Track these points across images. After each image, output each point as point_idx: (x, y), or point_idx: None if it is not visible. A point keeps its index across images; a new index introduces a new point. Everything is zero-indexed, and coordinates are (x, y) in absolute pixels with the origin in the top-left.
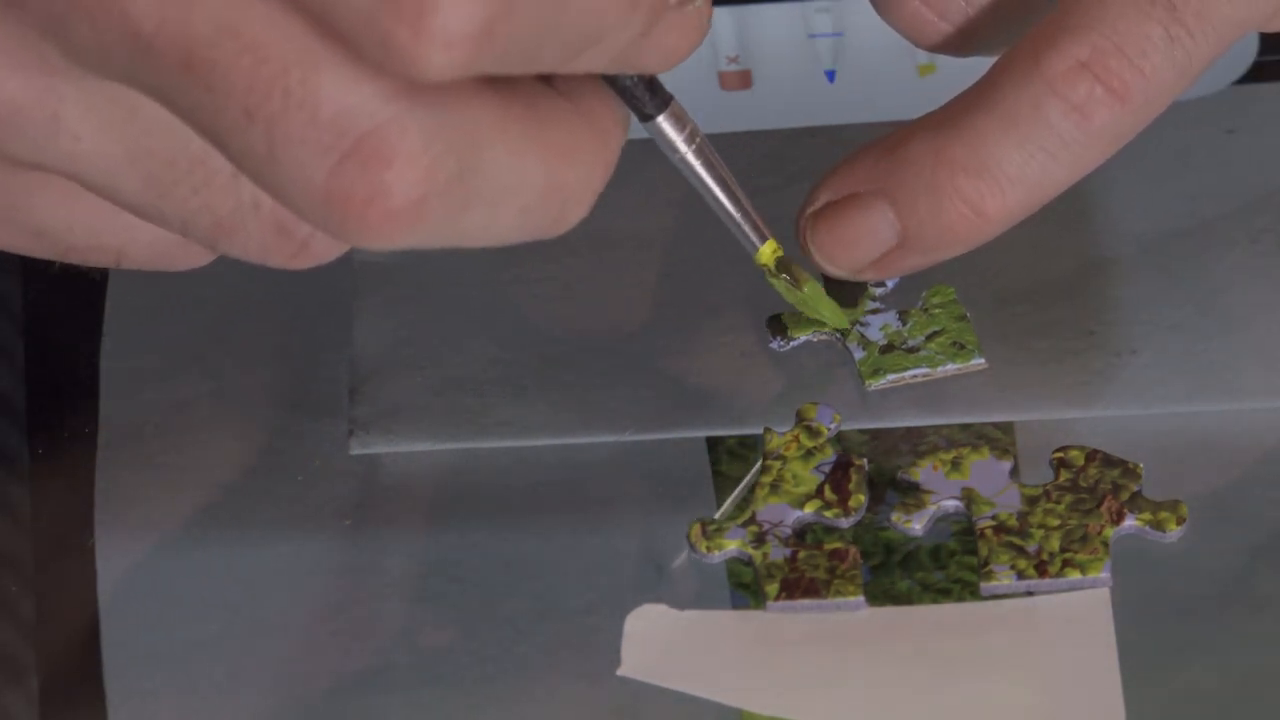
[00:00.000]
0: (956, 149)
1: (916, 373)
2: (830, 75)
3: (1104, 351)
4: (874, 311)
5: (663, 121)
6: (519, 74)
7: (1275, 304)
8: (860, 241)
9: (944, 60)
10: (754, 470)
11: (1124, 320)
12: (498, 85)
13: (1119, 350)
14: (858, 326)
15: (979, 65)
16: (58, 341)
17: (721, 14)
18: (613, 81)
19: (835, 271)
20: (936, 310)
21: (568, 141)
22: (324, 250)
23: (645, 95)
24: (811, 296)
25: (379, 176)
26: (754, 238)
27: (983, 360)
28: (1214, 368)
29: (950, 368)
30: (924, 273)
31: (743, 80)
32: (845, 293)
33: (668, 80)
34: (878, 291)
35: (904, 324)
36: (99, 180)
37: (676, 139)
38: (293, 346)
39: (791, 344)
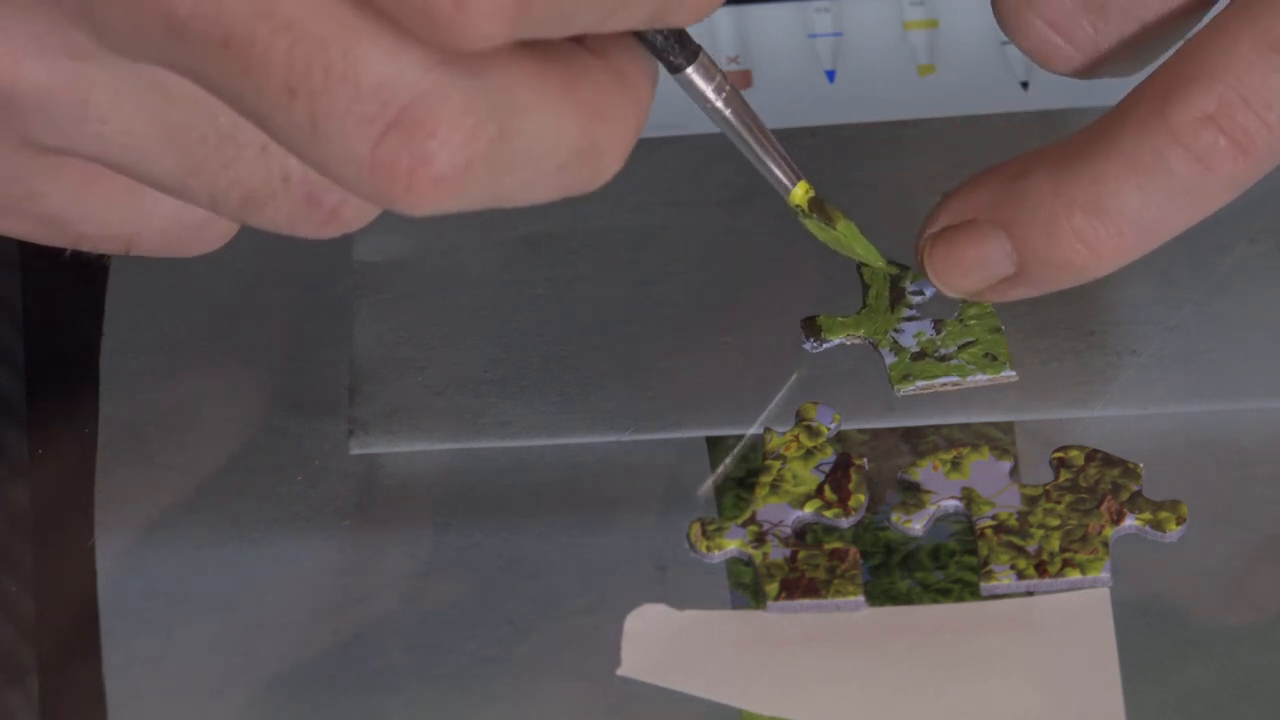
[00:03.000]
0: (1076, 189)
1: (946, 381)
2: (830, 75)
3: (1104, 351)
4: (910, 319)
5: (692, 73)
6: (556, 36)
7: (1274, 304)
8: (976, 268)
9: (944, 61)
10: (738, 448)
11: (1124, 320)
12: (533, 48)
13: (1119, 350)
14: (892, 332)
15: (980, 69)
16: (58, 341)
17: (721, 14)
18: (641, 36)
19: (949, 293)
20: (972, 321)
21: (601, 99)
22: (354, 217)
23: (674, 48)
24: (845, 235)
25: (423, 145)
26: (785, 180)
27: (1013, 373)
28: (1214, 368)
29: (980, 378)
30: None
31: (743, 80)
32: (888, 298)
33: (667, 76)
34: (915, 300)
35: (938, 333)
36: (128, 161)
37: (706, 89)
38: (293, 346)
39: (825, 345)
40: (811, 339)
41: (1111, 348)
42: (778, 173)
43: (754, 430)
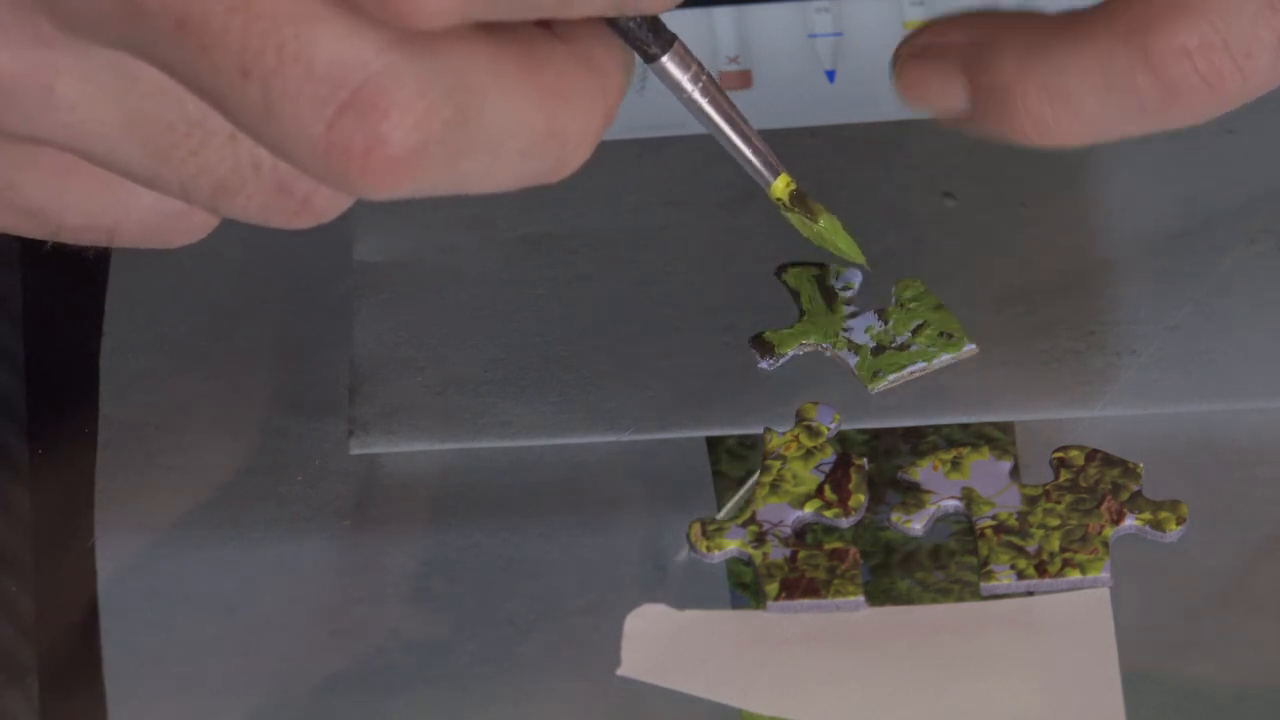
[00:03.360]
0: (1040, 67)
1: (914, 369)
2: (830, 75)
3: (1104, 351)
4: (853, 315)
5: (667, 62)
6: (514, 19)
7: (1274, 304)
8: (936, 99)
9: None
10: (754, 478)
11: (1124, 320)
12: (492, 30)
13: (1119, 350)
14: (843, 333)
15: None
16: (58, 341)
17: (721, 14)
18: (614, 24)
19: (913, 106)
20: (913, 304)
21: (565, 85)
22: (326, 207)
23: (648, 36)
24: (828, 230)
25: (376, 126)
26: (766, 173)
27: (973, 346)
28: (1214, 368)
29: (945, 359)
30: (892, 267)
31: (743, 80)
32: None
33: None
34: (846, 294)
35: (886, 323)
36: (97, 149)
37: (682, 79)
38: (293, 346)
39: (780, 360)
40: (766, 358)
41: (1111, 348)
42: (759, 165)
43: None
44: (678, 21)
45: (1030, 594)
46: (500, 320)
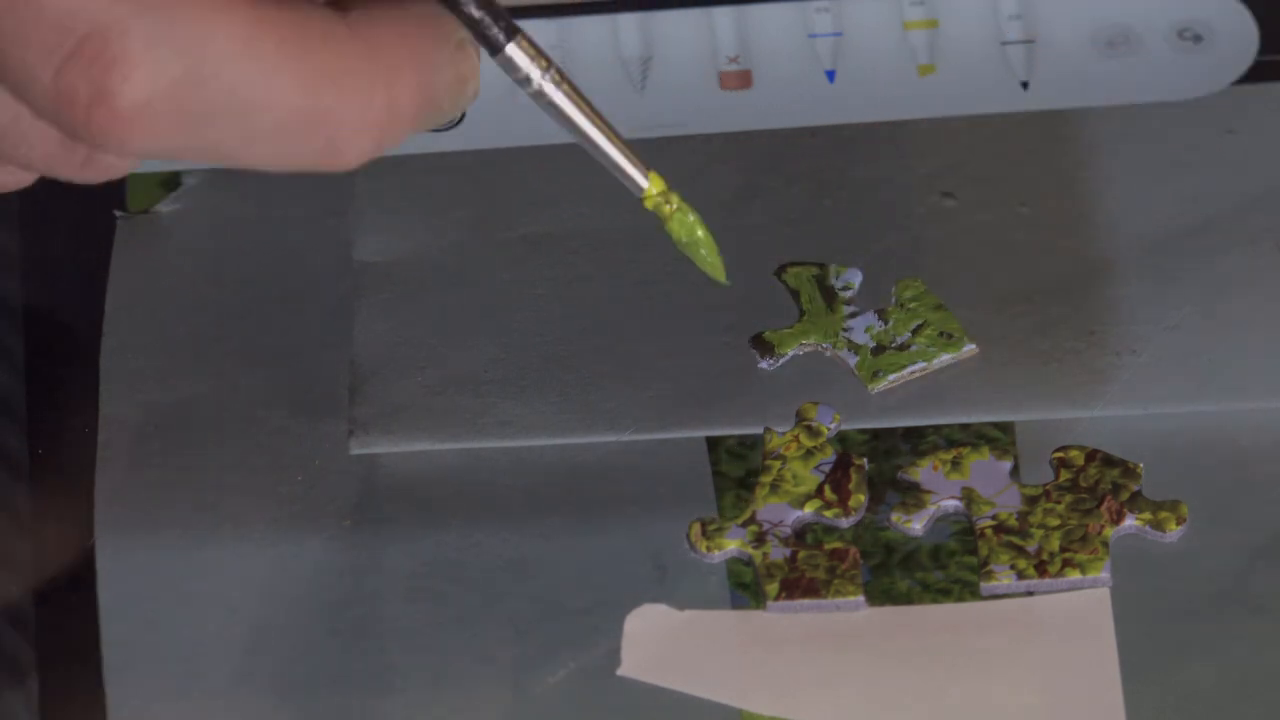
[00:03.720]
0: None
1: (914, 369)
2: (830, 75)
3: (1104, 351)
4: (853, 315)
5: (512, 51)
6: None
7: (1275, 304)
8: None
9: (944, 61)
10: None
11: (1124, 320)
12: (257, 1)
13: (1119, 350)
14: (843, 333)
15: (980, 69)
16: (58, 341)
17: (721, 14)
18: (455, 9)
19: None
20: (913, 304)
21: (336, 67)
22: (114, 163)
23: (491, 25)
24: (690, 238)
25: (101, 77)
26: (637, 177)
27: (973, 346)
28: (1214, 368)
29: (945, 359)
30: (892, 267)
31: (743, 80)
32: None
33: (667, 76)
34: (846, 294)
35: (886, 323)
36: None
37: (528, 68)
38: (293, 346)
39: (780, 360)
40: (766, 358)
41: (1111, 348)
42: (625, 165)
43: None
44: (679, 21)
45: (1030, 594)
46: (500, 320)
